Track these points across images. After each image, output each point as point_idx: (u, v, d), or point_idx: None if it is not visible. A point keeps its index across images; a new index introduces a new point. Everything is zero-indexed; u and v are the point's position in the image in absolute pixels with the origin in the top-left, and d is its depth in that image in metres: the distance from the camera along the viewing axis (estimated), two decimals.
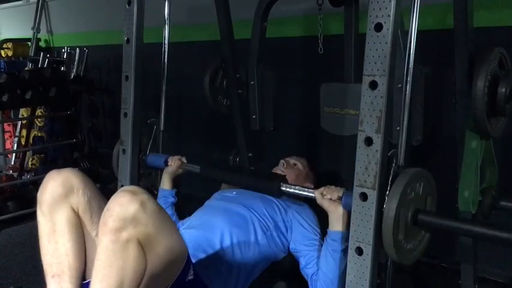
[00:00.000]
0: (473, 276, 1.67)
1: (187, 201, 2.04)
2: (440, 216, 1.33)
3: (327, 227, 1.57)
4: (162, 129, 2.15)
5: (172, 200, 2.00)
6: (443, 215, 1.34)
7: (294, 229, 1.75)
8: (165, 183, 2.01)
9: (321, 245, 1.61)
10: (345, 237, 1.44)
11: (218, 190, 2.08)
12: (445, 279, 2.06)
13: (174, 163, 1.96)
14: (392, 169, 1.30)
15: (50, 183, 1.30)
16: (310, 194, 1.58)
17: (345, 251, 1.43)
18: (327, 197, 1.51)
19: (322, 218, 1.66)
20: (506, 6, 1.95)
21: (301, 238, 1.72)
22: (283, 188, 1.64)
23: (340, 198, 1.49)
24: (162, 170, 2.05)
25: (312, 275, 1.61)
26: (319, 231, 1.74)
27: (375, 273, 1.30)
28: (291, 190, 1.63)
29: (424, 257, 1.96)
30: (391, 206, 1.24)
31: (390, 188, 1.26)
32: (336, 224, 1.51)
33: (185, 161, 1.98)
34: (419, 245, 1.38)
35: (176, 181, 2.03)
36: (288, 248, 1.75)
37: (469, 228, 1.33)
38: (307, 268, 1.64)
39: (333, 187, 1.53)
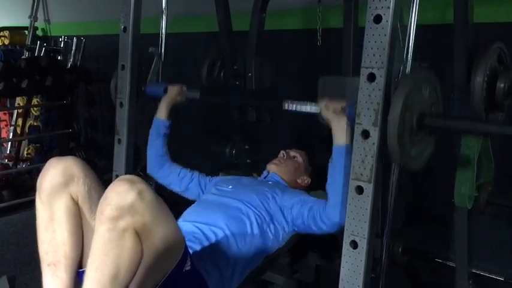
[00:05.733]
0: (467, 272, 1.67)
1: (182, 200, 2.01)
2: (446, 118, 1.32)
3: None
4: (162, 60, 2.08)
5: (164, 131, 1.94)
6: (449, 116, 1.32)
7: (287, 204, 1.74)
8: (161, 112, 1.94)
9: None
10: (350, 150, 1.42)
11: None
12: (439, 274, 2.06)
13: (173, 89, 1.92)
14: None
15: (50, 171, 1.27)
16: (314, 108, 1.56)
17: (350, 164, 1.38)
18: (331, 109, 1.51)
19: None
20: (506, 2, 1.94)
21: (293, 203, 1.73)
22: (286, 105, 1.61)
23: (343, 110, 1.48)
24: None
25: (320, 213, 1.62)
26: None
27: (370, 267, 1.30)
28: (294, 106, 1.59)
29: (419, 252, 1.97)
30: (395, 107, 1.20)
31: (395, 92, 1.22)
32: (340, 138, 1.51)
33: (185, 89, 1.93)
34: (424, 153, 1.34)
35: (174, 111, 1.96)
36: (293, 230, 1.74)
37: (478, 127, 1.33)
38: (315, 217, 1.63)
39: (335, 101, 1.52)
